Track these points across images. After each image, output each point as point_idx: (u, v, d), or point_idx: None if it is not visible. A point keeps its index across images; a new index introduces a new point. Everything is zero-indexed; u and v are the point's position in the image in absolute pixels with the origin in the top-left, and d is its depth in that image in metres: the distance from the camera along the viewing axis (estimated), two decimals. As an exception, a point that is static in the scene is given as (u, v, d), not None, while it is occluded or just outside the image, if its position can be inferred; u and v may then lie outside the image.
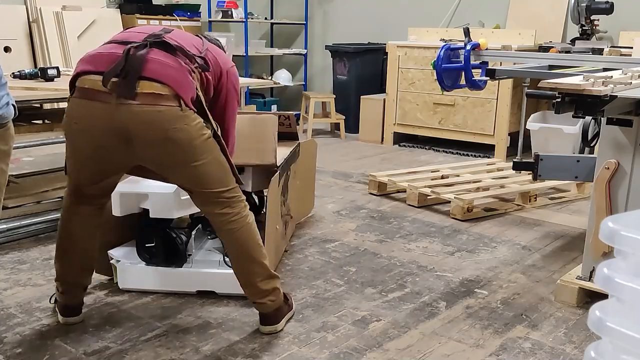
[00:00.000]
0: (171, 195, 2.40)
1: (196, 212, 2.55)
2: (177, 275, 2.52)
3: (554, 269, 2.89)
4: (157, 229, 2.49)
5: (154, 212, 2.43)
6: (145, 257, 2.52)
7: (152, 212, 2.43)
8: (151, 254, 2.51)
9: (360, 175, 4.58)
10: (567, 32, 5.39)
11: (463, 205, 3.57)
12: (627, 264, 1.11)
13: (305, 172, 3.46)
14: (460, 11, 5.97)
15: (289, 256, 2.98)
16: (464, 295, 2.61)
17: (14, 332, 2.22)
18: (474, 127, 5.28)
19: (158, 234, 2.49)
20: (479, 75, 3.38)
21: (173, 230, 2.51)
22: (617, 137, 2.36)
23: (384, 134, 5.84)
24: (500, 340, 2.24)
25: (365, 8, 6.57)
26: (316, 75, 7.17)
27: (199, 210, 2.40)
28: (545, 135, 4.80)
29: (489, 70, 3.17)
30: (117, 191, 2.36)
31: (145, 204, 2.43)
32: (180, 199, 2.42)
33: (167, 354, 2.10)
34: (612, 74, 2.37)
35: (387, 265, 2.91)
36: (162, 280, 2.52)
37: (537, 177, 3.16)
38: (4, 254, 2.95)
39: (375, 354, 2.13)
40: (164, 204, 2.41)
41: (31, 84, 3.22)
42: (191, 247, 2.54)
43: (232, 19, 6.54)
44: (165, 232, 2.49)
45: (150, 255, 2.51)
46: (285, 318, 2.29)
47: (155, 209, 2.42)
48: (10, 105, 1.84)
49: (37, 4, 5.67)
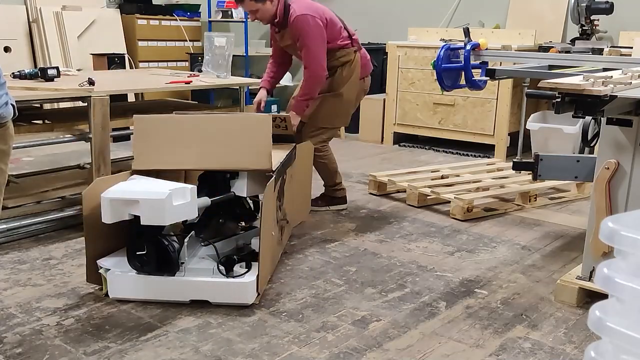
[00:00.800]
0: (163, 202, 2.26)
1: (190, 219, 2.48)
2: (169, 284, 2.42)
3: (554, 269, 2.89)
4: (149, 236, 2.38)
5: (145, 219, 2.27)
6: (137, 266, 2.42)
7: (143, 219, 2.27)
8: (142, 262, 2.41)
9: (360, 175, 4.58)
10: (567, 32, 5.39)
11: (463, 205, 3.57)
12: (627, 264, 1.11)
13: (302, 175, 3.42)
14: (460, 11, 5.97)
15: (289, 256, 2.98)
16: (464, 295, 2.61)
17: (13, 332, 2.22)
18: (474, 127, 5.28)
19: (149, 241, 2.38)
20: (479, 75, 3.38)
21: (165, 237, 2.41)
22: (617, 137, 2.36)
23: (384, 134, 5.84)
24: (500, 340, 2.24)
25: (365, 8, 6.57)
26: (316, 75, 7.15)
27: (193, 217, 2.43)
28: (545, 135, 4.80)
29: (489, 70, 3.17)
30: (106, 197, 2.28)
31: (136, 210, 2.28)
32: (172, 205, 2.29)
33: (167, 354, 2.10)
34: (612, 74, 2.37)
35: (387, 265, 2.91)
36: (153, 289, 2.43)
37: (537, 177, 3.16)
38: (4, 254, 2.95)
39: (375, 354, 2.13)
40: (156, 211, 2.27)
41: (31, 84, 3.22)
42: (184, 254, 2.45)
43: (232, 19, 6.53)
44: (157, 240, 2.39)
45: (142, 263, 2.41)
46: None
47: (146, 216, 2.27)
48: (9, 105, 1.84)
49: (37, 4, 5.67)
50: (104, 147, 3.16)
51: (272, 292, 2.59)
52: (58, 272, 2.74)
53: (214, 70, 3.93)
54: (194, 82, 3.71)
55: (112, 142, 3.35)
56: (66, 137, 3.23)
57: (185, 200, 2.34)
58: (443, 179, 4.20)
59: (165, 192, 2.27)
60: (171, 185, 2.36)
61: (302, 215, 3.53)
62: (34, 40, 5.67)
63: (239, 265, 2.48)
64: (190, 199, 2.37)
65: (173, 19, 6.41)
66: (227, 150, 2.65)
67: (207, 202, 2.60)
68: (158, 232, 2.40)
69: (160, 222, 2.31)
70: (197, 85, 3.75)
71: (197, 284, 2.42)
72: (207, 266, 2.50)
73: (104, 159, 3.18)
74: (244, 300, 2.41)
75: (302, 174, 3.42)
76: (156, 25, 6.33)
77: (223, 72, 3.88)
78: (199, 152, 2.66)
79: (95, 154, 3.14)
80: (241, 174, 2.72)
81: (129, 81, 3.98)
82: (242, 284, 2.41)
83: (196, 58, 6.03)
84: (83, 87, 3.11)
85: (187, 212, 2.37)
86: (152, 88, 3.77)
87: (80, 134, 3.22)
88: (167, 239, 2.41)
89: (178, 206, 2.30)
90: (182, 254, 2.44)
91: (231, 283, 2.41)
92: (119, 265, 2.47)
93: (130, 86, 3.78)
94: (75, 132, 3.24)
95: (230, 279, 2.42)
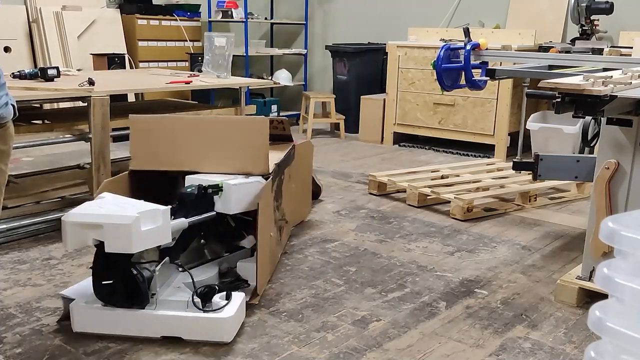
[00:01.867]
0: (129, 227, 2.01)
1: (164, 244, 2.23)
2: (138, 318, 2.16)
3: (554, 269, 2.89)
4: (116, 264, 2.12)
5: (109, 246, 2.04)
6: (103, 296, 2.17)
7: (107, 245, 2.04)
8: (110, 293, 2.16)
9: (360, 175, 4.58)
10: (567, 32, 5.39)
11: (463, 205, 3.57)
12: (627, 264, 1.11)
13: (302, 175, 3.39)
14: (460, 11, 5.97)
15: (289, 256, 2.98)
16: (464, 295, 2.61)
17: (13, 332, 2.22)
18: (474, 127, 5.28)
19: (116, 270, 2.13)
20: (479, 75, 3.38)
21: (134, 265, 2.14)
22: (617, 137, 2.36)
23: (384, 134, 5.83)
24: (500, 340, 2.24)
25: (365, 8, 6.57)
26: (316, 75, 7.17)
27: (166, 242, 2.20)
28: (545, 135, 4.80)
29: (489, 70, 3.16)
30: (66, 220, 2.06)
31: (100, 235, 2.04)
32: (140, 231, 2.04)
33: (167, 353, 2.10)
34: (612, 74, 2.37)
35: (387, 265, 2.91)
36: (121, 324, 2.17)
37: (537, 177, 3.16)
38: (4, 254, 2.95)
39: (375, 354, 2.13)
40: (121, 237, 2.02)
41: (31, 84, 3.22)
42: (155, 285, 2.17)
43: (232, 19, 6.54)
44: (125, 268, 2.13)
45: (109, 294, 2.16)
46: None
47: (111, 243, 2.03)
48: (9, 105, 1.84)
49: (37, 4, 5.67)
50: (104, 147, 3.17)
51: (272, 292, 2.58)
52: (58, 272, 2.74)
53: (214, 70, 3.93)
54: (194, 82, 3.71)
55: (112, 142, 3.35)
56: (66, 137, 3.24)
57: (156, 225, 2.10)
58: (443, 179, 4.20)
59: (132, 215, 2.03)
60: (142, 208, 2.11)
61: (303, 214, 3.52)
62: (34, 40, 5.67)
63: (219, 295, 2.21)
64: (162, 223, 2.12)
65: (173, 19, 6.41)
66: (224, 154, 2.61)
67: (184, 224, 2.32)
68: (126, 260, 2.13)
69: (126, 250, 2.05)
70: (197, 85, 3.75)
71: (168, 319, 2.16)
72: (182, 297, 2.22)
73: (103, 159, 3.18)
74: (221, 338, 2.15)
75: (301, 173, 3.40)
76: (156, 25, 6.33)
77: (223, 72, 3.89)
78: (196, 154, 2.62)
79: (95, 154, 3.14)
80: (225, 188, 2.48)
81: (129, 81, 3.98)
82: (219, 319, 2.14)
83: (196, 58, 6.03)
84: (83, 87, 3.12)
85: (158, 237, 2.13)
86: (152, 88, 3.77)
87: (80, 134, 3.22)
88: (136, 267, 2.14)
89: (147, 231, 2.07)
90: (154, 284, 2.17)
91: (207, 319, 2.14)
92: (85, 295, 2.24)
93: (130, 86, 3.78)
94: (75, 132, 3.24)
95: (206, 313, 2.15)
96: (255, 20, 6.75)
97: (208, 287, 2.24)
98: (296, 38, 7.22)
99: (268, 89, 7.08)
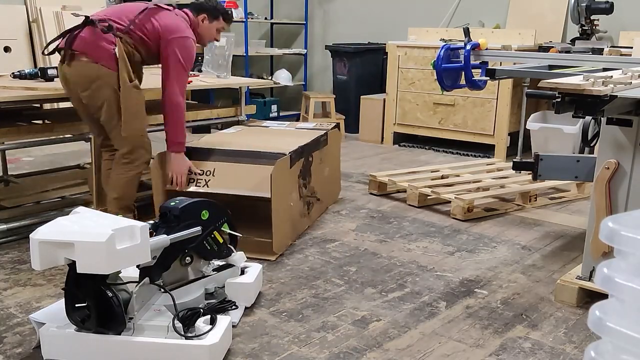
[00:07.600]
0: (102, 245, 1.83)
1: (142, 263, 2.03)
2: (113, 344, 1.98)
3: (554, 269, 2.89)
4: (89, 286, 1.96)
5: (81, 266, 1.86)
6: (76, 321, 2.00)
7: (79, 265, 1.86)
8: (83, 317, 1.98)
9: (360, 175, 4.58)
10: (567, 32, 5.39)
11: (463, 205, 3.57)
12: (627, 264, 1.11)
13: (332, 160, 3.69)
14: (460, 11, 5.97)
15: (289, 256, 2.98)
16: (464, 295, 2.61)
17: (13, 332, 2.22)
18: (474, 127, 5.28)
19: (90, 291, 1.96)
20: (479, 75, 3.38)
21: (109, 287, 1.97)
22: (617, 137, 2.36)
23: (384, 133, 5.84)
24: (500, 340, 2.24)
25: (365, 8, 6.57)
26: (316, 75, 7.17)
27: (145, 262, 2.02)
28: (545, 135, 4.80)
29: (489, 70, 3.16)
30: (34, 238, 1.88)
31: (71, 254, 1.87)
32: (115, 250, 1.86)
33: (167, 354, 2.10)
34: (612, 74, 2.37)
35: (387, 265, 2.91)
36: (95, 351, 2.00)
37: (537, 177, 3.16)
38: (4, 254, 2.95)
39: (375, 354, 2.13)
40: (94, 256, 1.85)
41: (31, 84, 3.22)
42: (132, 308, 2.00)
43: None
44: (99, 290, 1.95)
45: (82, 318, 1.98)
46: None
47: (83, 262, 1.86)
48: None
49: (37, 4, 5.68)
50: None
51: (272, 292, 2.59)
52: (58, 272, 2.74)
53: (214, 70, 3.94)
54: (194, 82, 3.71)
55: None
56: (66, 137, 3.24)
57: (134, 242, 1.92)
58: (443, 179, 4.20)
59: (106, 233, 1.85)
60: (118, 224, 1.93)
61: (334, 196, 3.89)
62: (34, 40, 5.67)
63: (204, 319, 2.06)
64: (141, 240, 1.93)
65: (173, 19, 6.40)
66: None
67: (166, 242, 2.13)
68: (101, 281, 1.97)
69: (100, 270, 1.88)
70: (197, 85, 3.75)
71: (146, 346, 1.97)
72: (161, 322, 2.03)
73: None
74: None
75: (332, 158, 3.72)
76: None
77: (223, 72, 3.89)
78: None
79: (95, 154, 3.14)
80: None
81: (129, 81, 3.96)
82: (201, 347, 1.95)
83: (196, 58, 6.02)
84: (83, 87, 3.11)
85: (136, 256, 1.94)
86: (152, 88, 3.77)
87: (80, 134, 3.22)
88: (112, 289, 1.97)
89: (124, 250, 1.89)
90: (131, 306, 2.01)
91: (188, 346, 1.96)
92: (57, 319, 2.07)
93: (130, 86, 3.76)
94: (75, 132, 3.24)
95: (188, 340, 1.98)
96: (255, 20, 6.75)
97: (191, 310, 2.10)
98: (296, 38, 7.22)
99: (268, 89, 7.08)
